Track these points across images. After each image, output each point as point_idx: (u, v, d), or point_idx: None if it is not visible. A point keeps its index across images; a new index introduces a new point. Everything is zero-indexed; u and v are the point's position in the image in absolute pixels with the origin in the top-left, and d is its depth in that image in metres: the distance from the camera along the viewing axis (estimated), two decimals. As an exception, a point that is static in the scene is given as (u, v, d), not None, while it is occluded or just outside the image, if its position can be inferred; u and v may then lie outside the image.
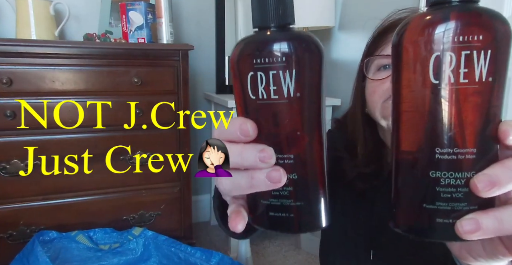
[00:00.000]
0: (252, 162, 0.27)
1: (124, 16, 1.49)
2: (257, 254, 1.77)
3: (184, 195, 1.55)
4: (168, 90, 1.46)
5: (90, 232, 1.33)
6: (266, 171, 0.27)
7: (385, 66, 0.60)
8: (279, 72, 0.27)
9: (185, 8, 1.87)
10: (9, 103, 1.25)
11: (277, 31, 0.28)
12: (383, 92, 0.58)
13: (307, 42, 0.28)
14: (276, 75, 0.27)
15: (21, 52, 1.24)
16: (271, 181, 0.27)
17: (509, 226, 0.26)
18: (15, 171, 1.29)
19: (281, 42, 0.27)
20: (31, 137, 1.30)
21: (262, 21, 0.28)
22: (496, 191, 0.26)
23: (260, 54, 0.27)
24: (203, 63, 1.95)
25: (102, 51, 1.35)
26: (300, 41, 0.28)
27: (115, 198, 1.45)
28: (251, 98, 0.28)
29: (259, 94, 0.28)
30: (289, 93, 0.27)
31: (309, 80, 0.28)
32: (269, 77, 0.27)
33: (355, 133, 0.66)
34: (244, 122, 0.28)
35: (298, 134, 0.28)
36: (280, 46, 0.27)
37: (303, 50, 0.28)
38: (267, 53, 0.27)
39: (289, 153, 0.28)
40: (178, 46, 1.46)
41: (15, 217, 1.32)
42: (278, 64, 0.27)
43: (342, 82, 1.81)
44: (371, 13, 1.57)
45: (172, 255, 1.23)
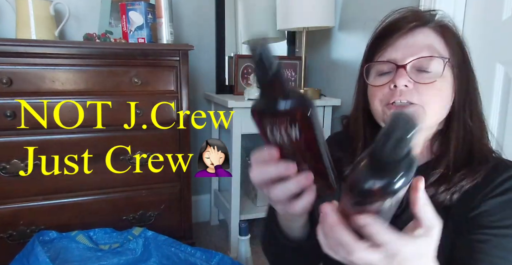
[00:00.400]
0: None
1: (124, 16, 1.49)
2: (257, 254, 1.76)
3: (184, 195, 1.55)
4: (168, 90, 1.46)
5: (90, 232, 1.33)
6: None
7: (386, 73, 0.61)
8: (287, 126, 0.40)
9: (185, 8, 1.87)
10: (9, 103, 1.25)
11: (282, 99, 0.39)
12: (383, 97, 0.60)
13: (306, 107, 0.38)
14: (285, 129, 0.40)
15: (21, 52, 1.24)
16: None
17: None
18: (15, 171, 1.29)
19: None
20: (31, 137, 1.30)
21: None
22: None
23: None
24: (203, 63, 1.95)
25: (102, 51, 1.35)
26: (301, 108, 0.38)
27: (115, 198, 1.45)
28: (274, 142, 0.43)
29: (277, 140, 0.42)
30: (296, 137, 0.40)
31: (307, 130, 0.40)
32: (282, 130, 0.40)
33: (356, 132, 0.68)
34: (284, 163, 0.43)
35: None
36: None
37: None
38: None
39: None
40: (178, 46, 1.46)
41: (15, 217, 1.32)
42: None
43: (342, 82, 1.81)
44: (371, 13, 1.57)
45: (172, 255, 1.23)
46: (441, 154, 0.62)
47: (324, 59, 1.94)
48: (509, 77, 1.08)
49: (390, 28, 0.62)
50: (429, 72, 0.58)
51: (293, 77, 2.02)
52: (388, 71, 0.61)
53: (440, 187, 0.58)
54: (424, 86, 0.58)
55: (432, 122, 0.62)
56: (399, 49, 0.60)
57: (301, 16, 1.61)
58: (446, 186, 0.58)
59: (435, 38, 0.60)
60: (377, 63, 0.62)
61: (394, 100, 0.59)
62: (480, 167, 0.58)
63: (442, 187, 0.58)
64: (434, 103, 0.59)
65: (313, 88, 1.79)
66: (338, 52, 1.84)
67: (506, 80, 1.09)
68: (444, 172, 0.59)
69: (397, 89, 0.58)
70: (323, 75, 1.97)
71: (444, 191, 0.58)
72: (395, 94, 0.59)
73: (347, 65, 1.76)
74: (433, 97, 0.58)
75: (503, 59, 1.08)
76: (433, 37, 0.60)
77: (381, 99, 0.61)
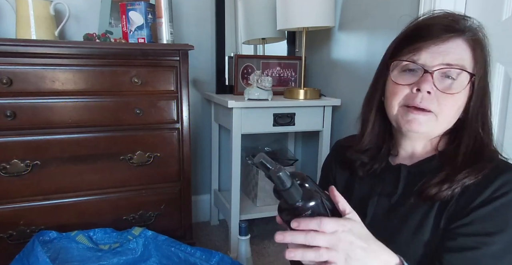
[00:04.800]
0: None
1: (124, 16, 1.49)
2: (257, 254, 1.77)
3: (184, 195, 1.55)
4: (168, 90, 1.46)
5: (90, 232, 1.33)
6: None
7: (410, 70, 0.62)
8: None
9: (185, 8, 1.87)
10: (9, 103, 1.25)
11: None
12: (402, 98, 0.62)
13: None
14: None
15: (21, 52, 1.24)
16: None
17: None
18: (15, 171, 1.29)
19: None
20: (31, 137, 1.30)
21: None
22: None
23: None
24: (203, 63, 1.95)
25: (102, 51, 1.35)
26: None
27: (115, 198, 1.45)
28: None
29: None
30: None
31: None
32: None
33: (366, 120, 0.72)
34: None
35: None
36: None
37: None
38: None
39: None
40: (178, 46, 1.46)
41: (15, 217, 1.32)
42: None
43: (342, 82, 1.81)
44: (371, 13, 1.58)
45: (172, 255, 1.23)
46: (449, 157, 0.63)
47: (324, 59, 1.95)
48: (509, 77, 1.08)
49: (426, 31, 0.62)
50: (453, 82, 0.60)
51: (293, 77, 2.02)
52: (413, 71, 0.62)
53: (444, 185, 0.59)
54: (444, 95, 0.59)
55: (441, 130, 0.64)
56: (431, 54, 0.60)
57: (301, 16, 1.61)
58: (450, 184, 0.59)
59: (466, 51, 0.61)
60: (405, 62, 0.63)
61: (414, 105, 0.60)
62: (484, 166, 0.59)
63: (445, 185, 0.59)
64: (449, 113, 0.61)
65: (313, 88, 1.79)
66: (338, 52, 1.84)
67: (506, 80, 1.09)
68: (449, 173, 0.60)
69: (419, 93, 0.60)
70: (323, 75, 1.97)
71: (447, 189, 0.59)
72: (416, 98, 0.60)
73: (347, 65, 1.76)
74: (450, 108, 0.60)
75: (503, 59, 1.08)
76: (465, 49, 0.60)
77: (399, 99, 0.63)
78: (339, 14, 1.79)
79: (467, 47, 0.61)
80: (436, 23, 0.62)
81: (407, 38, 0.64)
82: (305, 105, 1.70)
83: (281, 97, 1.79)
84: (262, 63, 1.94)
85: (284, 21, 1.68)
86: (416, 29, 0.64)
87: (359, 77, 1.67)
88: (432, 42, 0.60)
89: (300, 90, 1.73)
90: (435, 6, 1.20)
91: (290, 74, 2.01)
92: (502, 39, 1.07)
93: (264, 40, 2.05)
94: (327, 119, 1.75)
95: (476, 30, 0.62)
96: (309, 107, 1.71)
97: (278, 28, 1.74)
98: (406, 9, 1.35)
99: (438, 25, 0.61)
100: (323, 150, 1.78)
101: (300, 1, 1.60)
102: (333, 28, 1.82)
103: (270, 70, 1.97)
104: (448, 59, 0.59)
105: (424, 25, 0.63)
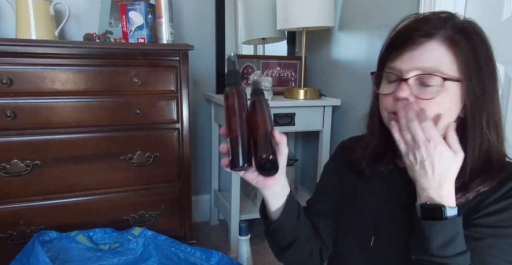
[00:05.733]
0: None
1: (124, 16, 1.49)
2: (257, 254, 1.77)
3: (184, 195, 1.55)
4: (168, 90, 1.46)
5: (90, 232, 1.33)
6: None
7: (392, 81, 0.63)
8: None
9: (185, 8, 1.87)
10: (9, 103, 1.25)
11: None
12: (387, 105, 0.64)
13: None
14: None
15: (21, 52, 1.24)
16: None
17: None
18: (15, 171, 1.29)
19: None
20: (31, 137, 1.30)
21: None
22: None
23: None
24: (203, 63, 1.95)
25: (102, 51, 1.35)
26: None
27: (115, 198, 1.45)
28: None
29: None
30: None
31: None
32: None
33: (372, 132, 0.73)
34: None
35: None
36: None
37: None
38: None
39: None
40: (178, 46, 1.46)
41: (15, 217, 1.32)
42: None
43: (342, 82, 1.81)
44: (371, 13, 1.57)
45: (172, 255, 1.23)
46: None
47: (324, 59, 1.94)
48: (509, 77, 1.08)
49: (399, 38, 0.62)
50: (430, 86, 0.59)
51: (293, 77, 2.02)
52: (396, 80, 0.63)
53: (457, 195, 0.60)
54: (423, 101, 0.60)
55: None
56: (405, 62, 0.61)
57: (301, 16, 1.61)
58: (464, 193, 0.60)
59: (442, 53, 0.59)
60: (384, 72, 0.65)
61: (395, 111, 0.61)
62: (497, 174, 0.60)
63: (459, 194, 0.60)
64: (434, 116, 0.61)
65: (313, 88, 1.79)
66: (338, 52, 1.84)
67: (506, 80, 1.09)
68: (463, 181, 0.60)
69: (398, 101, 0.61)
70: (323, 75, 1.97)
71: (461, 197, 0.60)
72: (397, 106, 0.61)
73: (347, 65, 1.76)
74: (435, 112, 0.60)
75: (503, 59, 1.08)
76: (441, 51, 0.59)
77: (386, 107, 0.65)
78: (339, 14, 1.79)
79: (444, 49, 0.59)
80: (410, 29, 0.61)
81: (387, 48, 0.65)
82: (305, 105, 1.70)
83: (281, 97, 1.79)
84: (262, 63, 1.95)
85: (284, 21, 1.68)
86: (391, 39, 0.64)
87: (359, 77, 1.67)
88: (408, 49, 0.60)
89: (300, 90, 1.73)
90: (435, 6, 1.20)
91: (290, 74, 2.01)
92: (502, 39, 1.07)
93: (264, 40, 2.05)
94: (327, 119, 1.75)
95: (457, 28, 0.60)
96: (309, 107, 1.71)
97: (278, 28, 1.75)
98: (406, 9, 1.35)
99: (411, 31, 0.61)
100: (323, 150, 1.78)
101: (300, 1, 1.60)
102: (333, 28, 1.82)
103: (270, 70, 1.97)
104: (421, 64, 0.59)
105: (400, 32, 0.63)
